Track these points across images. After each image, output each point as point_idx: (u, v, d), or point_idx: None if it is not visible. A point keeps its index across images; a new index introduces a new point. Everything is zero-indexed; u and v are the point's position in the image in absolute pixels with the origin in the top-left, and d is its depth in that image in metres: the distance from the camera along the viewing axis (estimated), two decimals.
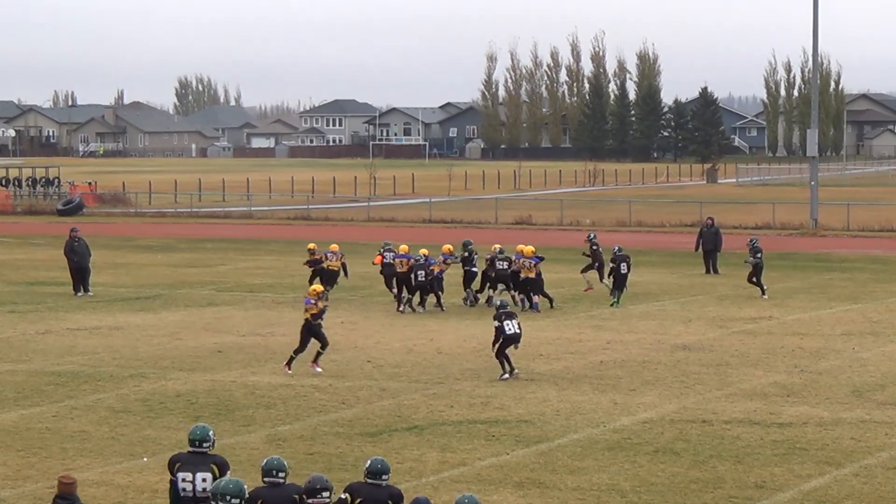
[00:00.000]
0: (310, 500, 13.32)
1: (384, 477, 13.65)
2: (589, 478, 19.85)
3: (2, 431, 22.66)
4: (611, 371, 28.26)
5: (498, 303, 28.72)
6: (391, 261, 37.93)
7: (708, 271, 46.61)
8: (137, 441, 21.97)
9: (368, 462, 13.88)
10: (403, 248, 38.04)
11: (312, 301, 27.74)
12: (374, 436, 22.34)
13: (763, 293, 39.87)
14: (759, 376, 27.76)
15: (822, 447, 21.76)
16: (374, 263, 39.49)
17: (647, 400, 25.32)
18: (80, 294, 40.02)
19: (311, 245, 41.18)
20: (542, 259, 37.31)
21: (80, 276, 40.59)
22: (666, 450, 21.48)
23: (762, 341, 32.02)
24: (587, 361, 29.27)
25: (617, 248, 39.11)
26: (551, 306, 37.15)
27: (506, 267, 37.21)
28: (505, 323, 27.01)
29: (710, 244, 47.12)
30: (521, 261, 36.98)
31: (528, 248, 37.55)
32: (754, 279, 40.24)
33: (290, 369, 27.64)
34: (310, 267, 40.60)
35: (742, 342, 31.95)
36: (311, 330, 27.65)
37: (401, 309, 36.73)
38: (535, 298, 36.84)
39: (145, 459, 20.70)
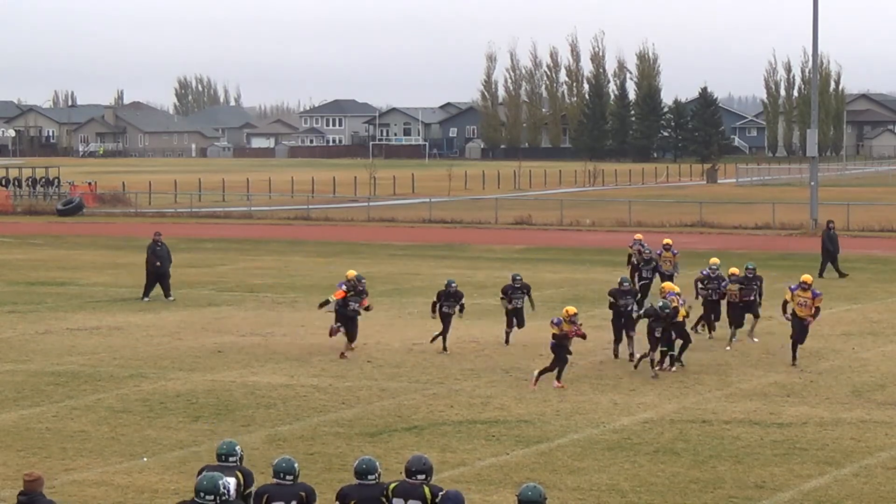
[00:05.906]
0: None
1: (370, 477, 13.67)
2: (589, 478, 19.85)
3: (2, 431, 22.66)
4: (611, 371, 28.26)
5: None
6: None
7: (821, 275, 44.89)
8: (137, 441, 21.97)
9: (355, 463, 13.90)
10: None
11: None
12: (374, 436, 22.34)
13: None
14: (759, 376, 27.76)
15: (822, 447, 21.76)
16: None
17: (647, 400, 25.32)
18: (146, 299, 38.79)
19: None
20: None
21: (157, 281, 39.30)
22: (666, 450, 21.48)
23: (762, 341, 32.00)
24: (587, 361, 29.25)
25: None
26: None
27: (519, 305, 31.21)
28: None
29: (834, 248, 46.78)
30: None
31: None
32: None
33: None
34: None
35: (742, 342, 31.93)
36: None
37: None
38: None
39: (145, 459, 20.71)
